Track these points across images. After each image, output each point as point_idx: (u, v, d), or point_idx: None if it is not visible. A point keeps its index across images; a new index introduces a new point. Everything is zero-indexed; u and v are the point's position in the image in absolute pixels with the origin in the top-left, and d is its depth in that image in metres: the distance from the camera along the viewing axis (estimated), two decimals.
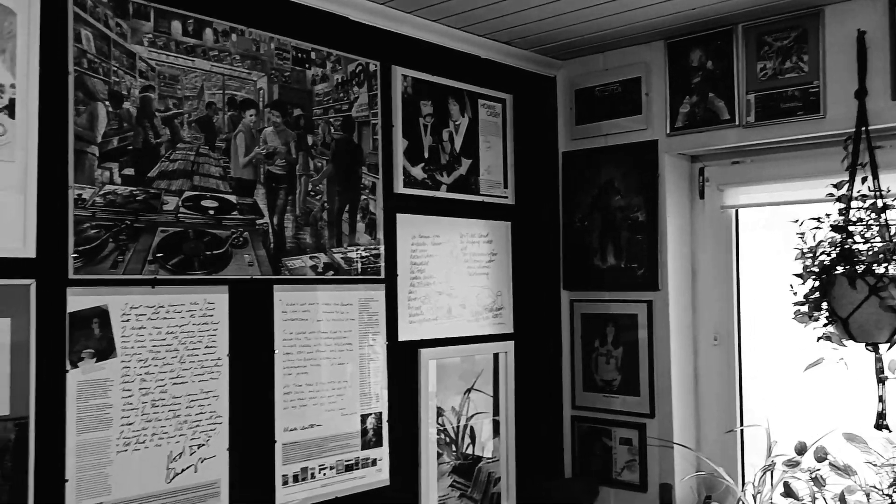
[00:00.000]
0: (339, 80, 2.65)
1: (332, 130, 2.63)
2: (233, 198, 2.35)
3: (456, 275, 3.03)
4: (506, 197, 3.27)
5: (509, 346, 3.23)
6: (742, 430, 3.09)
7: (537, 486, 3.26)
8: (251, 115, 2.40)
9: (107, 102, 2.07)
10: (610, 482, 3.27)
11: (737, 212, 3.17)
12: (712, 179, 3.21)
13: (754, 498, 2.82)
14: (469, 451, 3.05)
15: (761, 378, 3.11)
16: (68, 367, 2.00)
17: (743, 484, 3.01)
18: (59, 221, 1.99)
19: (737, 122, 2.94)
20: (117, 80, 2.10)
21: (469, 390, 3.09)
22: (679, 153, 3.16)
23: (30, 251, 1.93)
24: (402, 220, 2.86)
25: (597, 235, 3.34)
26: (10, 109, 1.89)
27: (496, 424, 3.17)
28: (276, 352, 2.46)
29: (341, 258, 2.64)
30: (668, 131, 3.13)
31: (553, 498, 3.23)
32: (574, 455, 3.40)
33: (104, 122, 2.07)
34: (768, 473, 2.82)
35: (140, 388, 2.13)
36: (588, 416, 3.35)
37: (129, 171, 2.12)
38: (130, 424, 2.10)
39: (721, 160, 3.16)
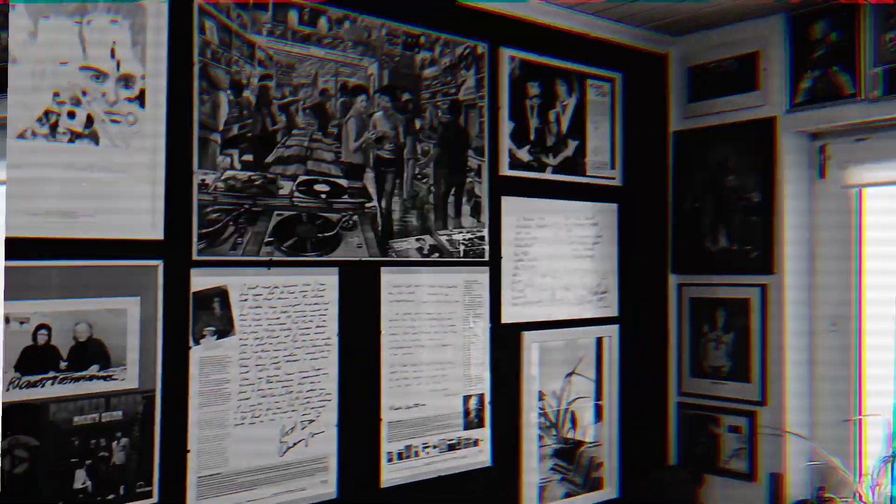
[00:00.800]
0: (448, 64, 2.65)
1: (440, 114, 2.64)
2: (344, 182, 2.40)
3: (560, 257, 3.01)
4: (613, 178, 3.20)
5: (613, 329, 3.18)
6: (861, 420, 2.94)
7: (640, 472, 3.22)
8: (362, 101, 2.44)
9: (228, 91, 2.15)
10: (716, 471, 3.19)
11: (859, 191, 2.99)
12: (834, 157, 3.03)
13: (872, 490, 2.70)
14: (570, 435, 3.04)
15: (884, 365, 2.94)
16: (191, 344, 2.11)
17: (860, 476, 2.88)
18: (185, 205, 2.09)
19: (862, 97, 2.76)
20: (238, 69, 2.17)
21: (571, 374, 3.07)
22: (798, 130, 3.01)
23: (158, 234, 2.04)
24: (507, 202, 2.85)
25: (708, 217, 3.23)
26: (141, 99, 1.99)
27: (598, 409, 3.14)
28: (383, 332, 2.51)
29: (446, 240, 2.66)
30: (787, 108, 2.98)
31: (656, 485, 3.19)
32: (679, 442, 3.33)
33: (226, 111, 2.15)
34: (888, 465, 2.68)
35: (256, 365, 2.22)
36: (695, 402, 3.27)
37: (248, 157, 2.20)
38: (247, 399, 2.20)
39: (844, 137, 2.99)
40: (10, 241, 1.80)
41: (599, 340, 3.16)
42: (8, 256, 1.80)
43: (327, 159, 2.37)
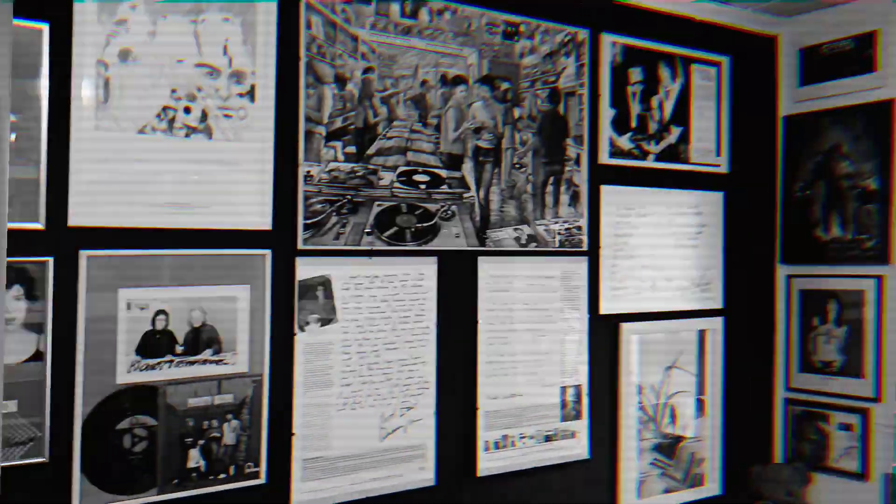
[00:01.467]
0: (547, 52, 2.62)
1: (539, 103, 2.61)
2: (443, 172, 2.41)
3: (661, 248, 2.93)
4: (718, 166, 3.09)
5: (717, 322, 3.08)
6: None
7: (744, 469, 3.12)
8: (461, 91, 2.44)
9: (333, 85, 2.19)
10: (824, 469, 3.05)
11: None
12: None
13: None
14: (668, 429, 2.98)
15: None
16: (297, 331, 2.17)
17: None
18: (291, 197, 2.15)
19: None
20: (342, 63, 2.21)
21: (670, 367, 3.00)
22: None
23: (266, 224, 2.11)
24: (607, 191, 2.80)
25: (820, 205, 3.08)
26: (252, 94, 2.06)
27: (700, 404, 3.06)
28: (480, 322, 2.52)
29: (544, 230, 2.63)
30: None
31: (761, 483, 3.08)
32: (785, 439, 3.21)
33: (330, 104, 2.19)
34: None
35: (357, 353, 2.27)
36: (803, 398, 3.14)
37: (351, 149, 2.24)
38: (349, 385, 2.26)
39: None
40: (130, 231, 1.90)
41: (702, 333, 3.07)
42: (128, 245, 1.90)
43: (427, 150, 2.38)
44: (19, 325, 1.76)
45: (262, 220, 2.10)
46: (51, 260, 1.80)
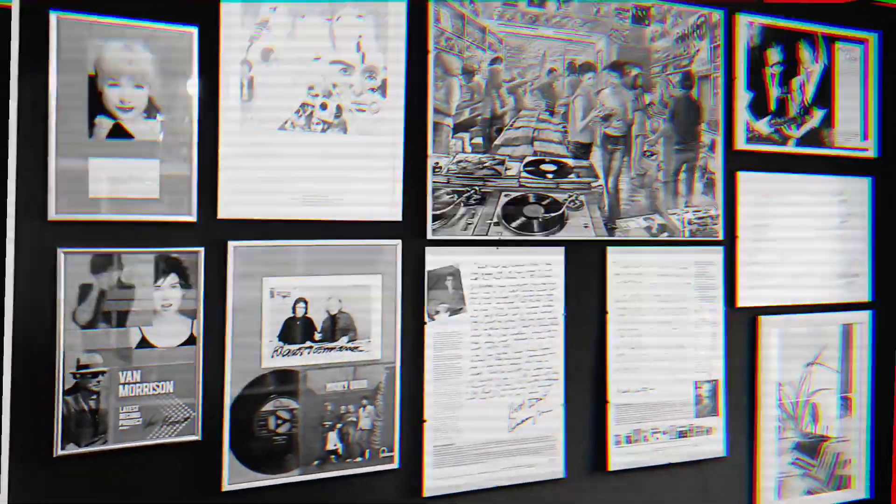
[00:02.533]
0: (679, 35, 2.53)
1: (670, 88, 2.53)
2: (570, 161, 2.39)
3: (803, 237, 2.77)
4: (866, 150, 2.89)
5: (865, 316, 2.89)
6: None
7: None
8: (589, 78, 2.40)
9: (460, 77, 2.21)
10: None
11: None
12: None
13: None
14: (809, 429, 2.81)
15: None
16: (426, 320, 2.21)
17: None
18: (420, 188, 2.19)
19: None
20: (470, 54, 2.23)
21: (811, 363, 2.83)
22: None
23: (397, 215, 2.15)
24: (744, 178, 2.68)
25: None
26: (383, 89, 2.11)
27: (845, 402, 2.87)
28: (610, 313, 2.47)
29: (677, 220, 2.55)
30: None
31: None
32: None
33: (458, 96, 2.21)
34: None
35: (486, 342, 2.28)
36: None
37: (478, 140, 2.25)
38: (478, 375, 2.27)
39: None
40: (273, 223, 1.99)
41: (847, 327, 2.88)
42: (271, 236, 1.99)
43: (554, 139, 2.36)
44: (175, 311, 1.89)
45: (392, 210, 2.15)
46: (202, 250, 1.91)
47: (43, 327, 1.76)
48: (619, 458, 2.47)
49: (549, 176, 2.36)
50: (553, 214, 2.37)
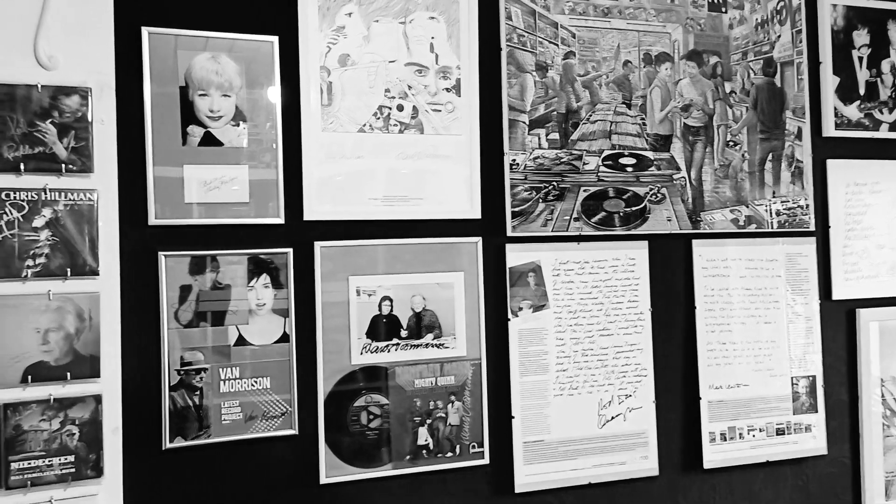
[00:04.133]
0: (759, 21, 2.48)
1: (751, 75, 2.48)
2: (650, 154, 2.36)
3: None
4: None
5: None
6: None
7: None
8: (666, 69, 2.38)
9: (534, 73, 2.24)
10: None
11: None
12: None
13: None
14: None
15: None
16: (510, 316, 2.22)
17: None
18: (498, 186, 2.21)
19: None
20: (542, 50, 2.25)
21: None
22: None
23: (475, 213, 2.18)
24: (834, 166, 2.59)
25: None
26: (457, 88, 2.16)
27: None
28: (697, 308, 2.42)
29: (764, 211, 2.48)
30: None
31: None
32: None
33: (532, 92, 2.23)
34: None
35: (571, 338, 2.27)
36: None
37: (555, 136, 2.26)
38: (564, 371, 2.26)
39: None
40: (356, 223, 2.05)
41: None
42: (355, 236, 2.05)
43: (632, 132, 2.35)
44: (268, 310, 1.96)
45: (471, 208, 2.17)
46: (290, 251, 1.98)
47: (148, 327, 1.86)
48: (714, 455, 2.40)
49: (629, 169, 2.34)
50: (634, 208, 2.35)
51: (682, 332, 2.41)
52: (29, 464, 1.67)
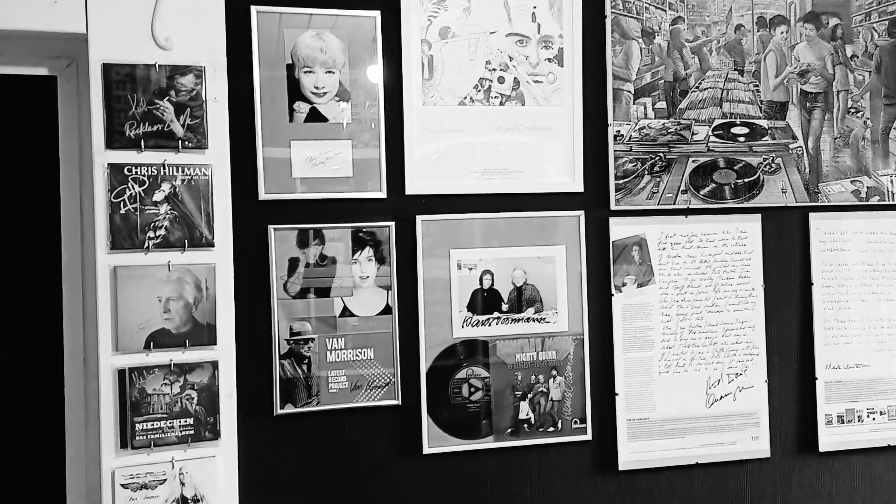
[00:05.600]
0: None
1: (875, 37, 2.32)
2: (764, 122, 2.25)
3: None
4: None
5: None
6: None
7: None
8: (781, 33, 2.26)
9: (640, 40, 2.17)
10: None
11: None
12: None
13: None
14: None
15: None
16: (613, 291, 2.17)
17: None
18: (601, 157, 2.16)
19: None
20: (648, 16, 2.17)
21: None
22: None
23: (578, 186, 2.14)
24: None
25: None
26: (560, 58, 2.11)
27: None
28: (814, 284, 2.30)
29: (888, 181, 2.33)
30: None
31: None
32: None
33: (637, 59, 2.17)
34: None
35: (677, 314, 2.21)
36: None
37: (661, 105, 2.19)
38: (670, 348, 2.20)
39: None
40: (457, 197, 2.05)
41: None
42: (456, 210, 2.05)
43: (745, 99, 2.24)
44: (372, 282, 1.99)
45: (573, 181, 2.13)
46: (392, 225, 2.01)
47: (259, 298, 1.93)
48: (830, 438, 2.29)
49: (741, 139, 2.24)
50: (746, 180, 2.25)
51: (798, 309, 2.30)
52: (152, 425, 1.78)
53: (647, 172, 2.18)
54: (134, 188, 1.77)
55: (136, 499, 1.75)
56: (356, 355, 1.99)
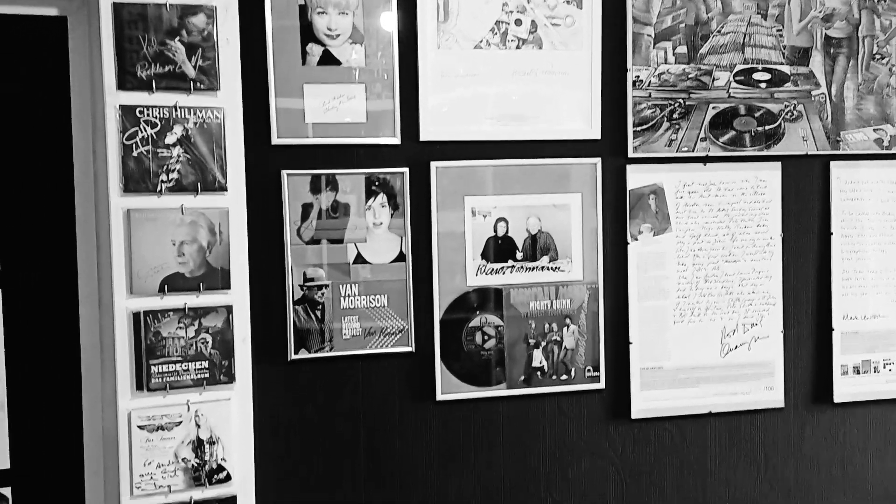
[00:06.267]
0: None
1: None
2: (786, 68, 2.20)
3: None
4: None
5: None
6: None
7: None
8: None
9: None
10: None
11: None
12: None
13: None
14: None
15: None
16: (629, 240, 2.15)
17: None
18: (619, 103, 2.11)
19: None
20: None
21: None
22: None
23: (595, 133, 2.10)
24: None
25: None
26: (578, 1, 2.06)
27: None
28: (833, 234, 2.27)
29: None
30: None
31: None
32: None
33: (658, 2, 2.11)
34: None
35: (693, 263, 2.19)
36: None
37: (682, 50, 2.13)
38: (685, 297, 2.18)
39: None
40: (471, 143, 2.02)
41: None
42: (470, 157, 2.02)
43: (767, 45, 2.19)
44: (386, 229, 1.98)
45: (590, 128, 2.10)
46: (406, 171, 1.98)
47: (273, 243, 1.92)
48: (845, 388, 2.28)
49: (763, 85, 2.19)
50: (767, 127, 2.21)
51: (816, 259, 2.27)
52: (167, 368, 1.79)
53: (665, 119, 2.14)
54: (146, 130, 1.75)
55: (153, 440, 1.77)
56: (370, 302, 1.98)
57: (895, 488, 2.33)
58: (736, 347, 2.22)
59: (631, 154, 2.13)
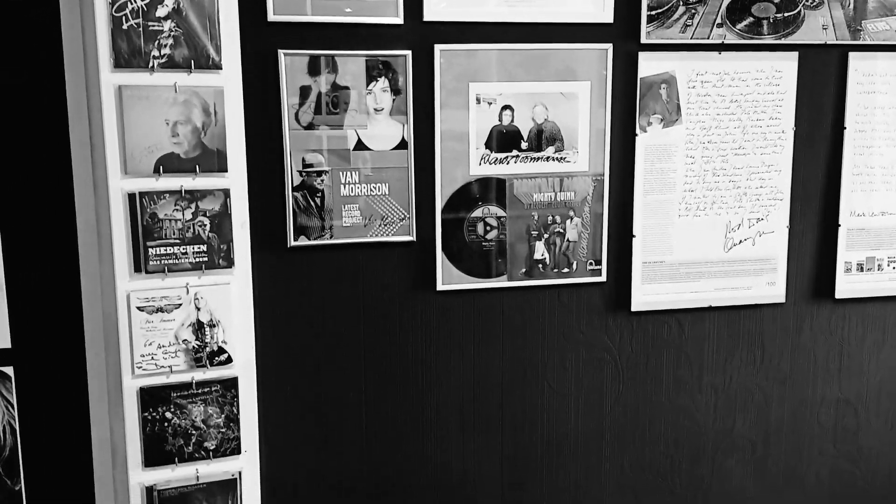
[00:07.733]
0: None
1: None
2: None
3: None
4: None
5: None
6: None
7: None
8: None
9: None
10: None
11: None
12: None
13: None
14: None
15: None
16: (638, 131, 2.09)
17: None
18: None
19: None
20: None
21: None
22: None
23: (607, 16, 2.01)
24: None
25: None
26: None
27: None
28: (847, 128, 2.20)
29: None
30: None
31: None
32: None
33: None
34: None
35: (702, 156, 2.13)
36: None
37: None
38: (692, 191, 2.14)
39: None
40: (477, 25, 1.93)
41: None
42: (475, 40, 1.94)
43: None
44: (387, 114, 1.92)
45: (602, 11, 2.00)
46: (409, 54, 1.90)
47: (270, 126, 1.86)
48: (847, 285, 2.27)
49: None
50: (786, 14, 2.11)
51: (827, 154, 2.22)
52: (165, 251, 1.76)
53: (682, 4, 2.04)
54: (136, 2, 1.66)
55: (153, 321, 1.76)
56: (370, 190, 1.94)
57: (890, 380, 2.36)
58: (740, 242, 2.20)
59: (644, 40, 2.04)
